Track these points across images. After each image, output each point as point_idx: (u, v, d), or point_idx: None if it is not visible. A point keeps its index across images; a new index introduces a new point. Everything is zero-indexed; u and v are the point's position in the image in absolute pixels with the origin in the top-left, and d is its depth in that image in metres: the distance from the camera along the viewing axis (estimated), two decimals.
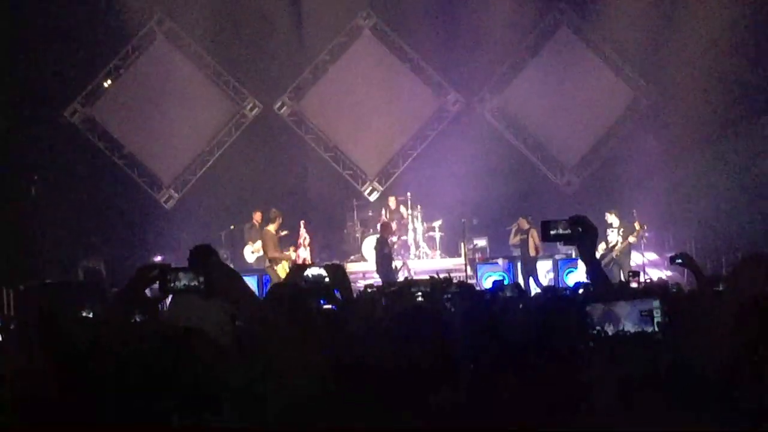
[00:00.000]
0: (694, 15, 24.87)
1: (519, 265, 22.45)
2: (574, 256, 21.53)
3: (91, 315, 7.06)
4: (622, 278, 18.98)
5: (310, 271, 6.21)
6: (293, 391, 3.86)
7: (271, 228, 21.68)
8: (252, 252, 23.07)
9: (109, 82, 25.89)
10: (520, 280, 21.29)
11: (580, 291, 9.41)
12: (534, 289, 19.66)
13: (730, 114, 24.97)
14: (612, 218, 21.96)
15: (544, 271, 22.19)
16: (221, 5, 25.13)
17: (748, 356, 3.73)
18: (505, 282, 15.49)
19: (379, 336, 4.70)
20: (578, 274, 19.63)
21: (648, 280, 19.18)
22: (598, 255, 21.03)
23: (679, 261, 8.09)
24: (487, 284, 19.79)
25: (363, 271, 22.92)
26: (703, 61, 24.73)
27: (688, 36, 24.92)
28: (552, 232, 5.66)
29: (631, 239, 21.62)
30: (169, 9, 25.63)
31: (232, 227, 23.70)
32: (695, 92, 24.74)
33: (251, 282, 19.65)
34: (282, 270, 20.25)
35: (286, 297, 5.60)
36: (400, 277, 21.31)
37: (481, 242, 24.42)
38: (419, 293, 10.09)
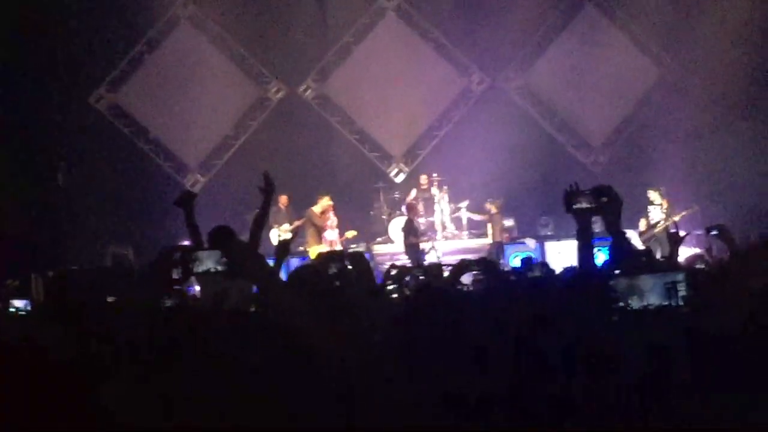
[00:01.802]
0: None
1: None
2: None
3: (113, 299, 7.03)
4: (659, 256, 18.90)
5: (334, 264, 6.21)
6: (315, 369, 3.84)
7: (316, 209, 21.96)
8: (278, 235, 23.09)
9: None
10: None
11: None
12: None
13: (758, 91, 24.84)
14: (655, 196, 21.95)
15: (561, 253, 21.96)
16: None
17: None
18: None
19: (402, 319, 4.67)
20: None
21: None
22: (637, 233, 21.10)
23: (715, 233, 8.06)
24: (515, 264, 19.71)
25: (390, 253, 22.92)
26: (731, 38, 24.57)
27: (716, 12, 24.77)
28: (575, 206, 5.58)
29: (676, 218, 21.54)
30: None
31: (257, 210, 23.63)
32: (722, 69, 24.59)
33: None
34: (314, 254, 20.34)
35: (307, 280, 5.59)
36: (428, 258, 21.32)
37: (509, 222, 24.32)
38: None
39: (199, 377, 3.66)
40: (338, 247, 21.23)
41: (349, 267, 6.57)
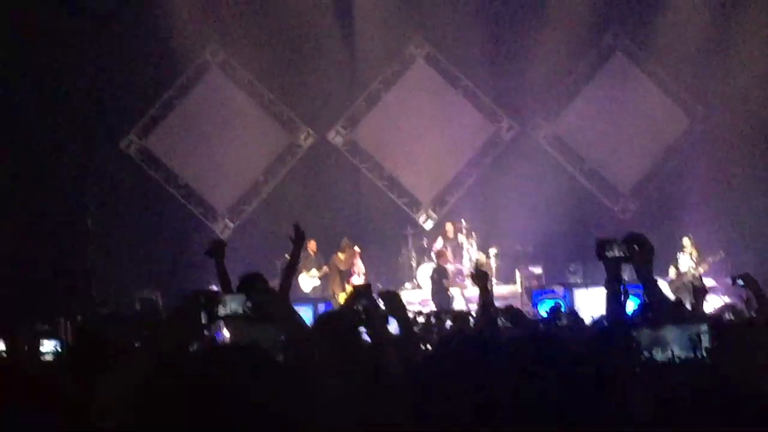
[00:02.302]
0: (751, 39, 24.74)
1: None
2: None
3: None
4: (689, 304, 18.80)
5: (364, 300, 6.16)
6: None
7: (341, 256, 22.01)
8: (305, 280, 23.14)
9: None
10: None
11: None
12: None
13: None
14: (687, 243, 21.91)
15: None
16: (274, 36, 25.34)
17: None
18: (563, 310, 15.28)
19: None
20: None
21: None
22: (667, 281, 20.97)
23: (741, 282, 8.00)
24: (543, 312, 19.61)
25: (418, 300, 22.86)
26: (762, 86, 24.57)
27: (745, 60, 24.78)
28: (608, 254, 5.56)
29: (703, 267, 21.51)
30: (223, 40, 25.80)
31: (287, 256, 23.61)
32: (752, 117, 24.58)
33: (307, 311, 19.67)
34: (343, 300, 20.36)
35: (336, 328, 5.57)
36: (456, 306, 21.26)
37: (537, 270, 24.25)
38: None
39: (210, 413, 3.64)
40: None
41: (382, 306, 6.53)
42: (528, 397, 3.90)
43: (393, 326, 6.80)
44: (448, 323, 11.03)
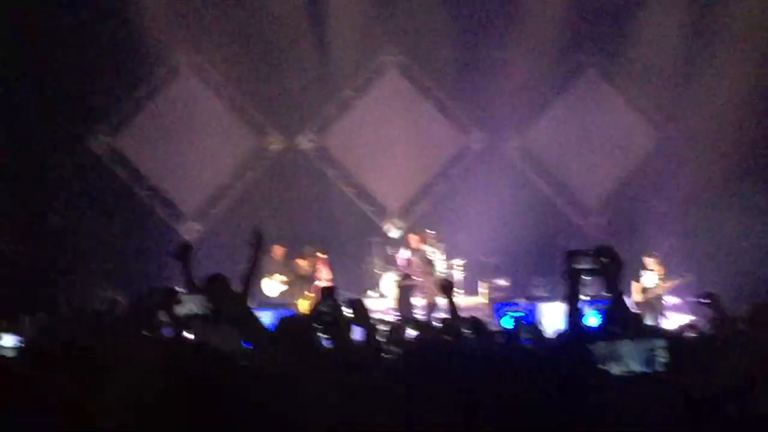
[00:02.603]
0: (723, 56, 24.88)
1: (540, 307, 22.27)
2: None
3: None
4: (651, 322, 18.90)
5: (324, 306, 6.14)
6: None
7: (301, 263, 21.95)
8: (271, 285, 23.05)
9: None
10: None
11: None
12: None
13: (757, 157, 24.92)
14: (650, 262, 21.95)
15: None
16: (247, 39, 25.28)
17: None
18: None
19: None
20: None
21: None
22: (632, 298, 21.03)
23: (706, 301, 8.03)
24: (506, 325, 19.61)
25: (381, 308, 22.81)
26: (731, 102, 24.68)
27: (716, 78, 24.90)
28: (577, 266, 5.55)
29: (665, 287, 21.60)
30: (195, 42, 25.67)
31: (246, 263, 23.49)
32: (722, 134, 24.69)
33: (270, 316, 19.62)
34: (303, 306, 20.40)
35: (296, 333, 5.55)
36: (418, 315, 21.24)
37: (503, 282, 24.26)
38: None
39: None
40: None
41: (348, 312, 6.53)
42: (490, 399, 3.89)
43: (357, 334, 6.81)
44: (411, 332, 11.01)
